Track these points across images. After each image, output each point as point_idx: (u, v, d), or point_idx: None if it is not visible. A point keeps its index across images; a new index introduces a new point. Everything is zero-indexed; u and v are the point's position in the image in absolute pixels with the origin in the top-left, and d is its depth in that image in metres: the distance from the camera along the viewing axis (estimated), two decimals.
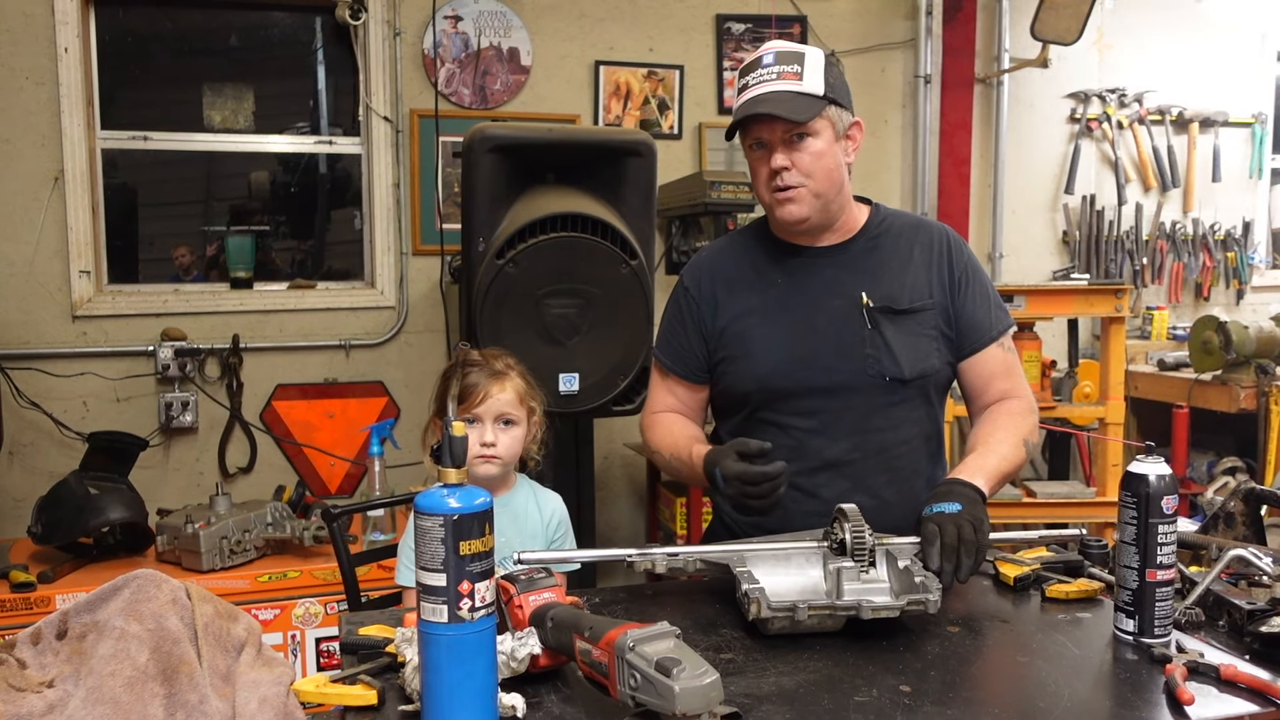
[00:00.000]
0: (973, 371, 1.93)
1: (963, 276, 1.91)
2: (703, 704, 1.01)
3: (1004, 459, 1.78)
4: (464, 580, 1.10)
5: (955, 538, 1.50)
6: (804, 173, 1.80)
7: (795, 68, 1.79)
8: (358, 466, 3.95)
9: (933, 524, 1.53)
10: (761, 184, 1.86)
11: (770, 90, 1.78)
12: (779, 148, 1.80)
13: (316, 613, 3.04)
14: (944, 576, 1.47)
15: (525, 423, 1.95)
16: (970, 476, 1.68)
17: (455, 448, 1.13)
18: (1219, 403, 4.12)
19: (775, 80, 1.79)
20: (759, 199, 1.90)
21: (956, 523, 1.52)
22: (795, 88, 1.78)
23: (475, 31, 4.03)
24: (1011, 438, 1.82)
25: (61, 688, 1.20)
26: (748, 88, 1.82)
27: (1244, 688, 1.25)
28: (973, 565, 1.49)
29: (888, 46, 4.55)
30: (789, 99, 1.77)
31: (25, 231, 3.63)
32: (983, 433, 1.87)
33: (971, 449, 1.83)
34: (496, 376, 1.92)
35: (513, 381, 1.94)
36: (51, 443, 3.67)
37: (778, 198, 1.83)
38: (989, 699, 1.26)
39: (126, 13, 3.88)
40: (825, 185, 1.83)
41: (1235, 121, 5.10)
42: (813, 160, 1.80)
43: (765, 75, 1.80)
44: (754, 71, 1.82)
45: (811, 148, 1.80)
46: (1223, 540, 1.83)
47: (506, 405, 1.91)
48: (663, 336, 2.04)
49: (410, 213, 4.02)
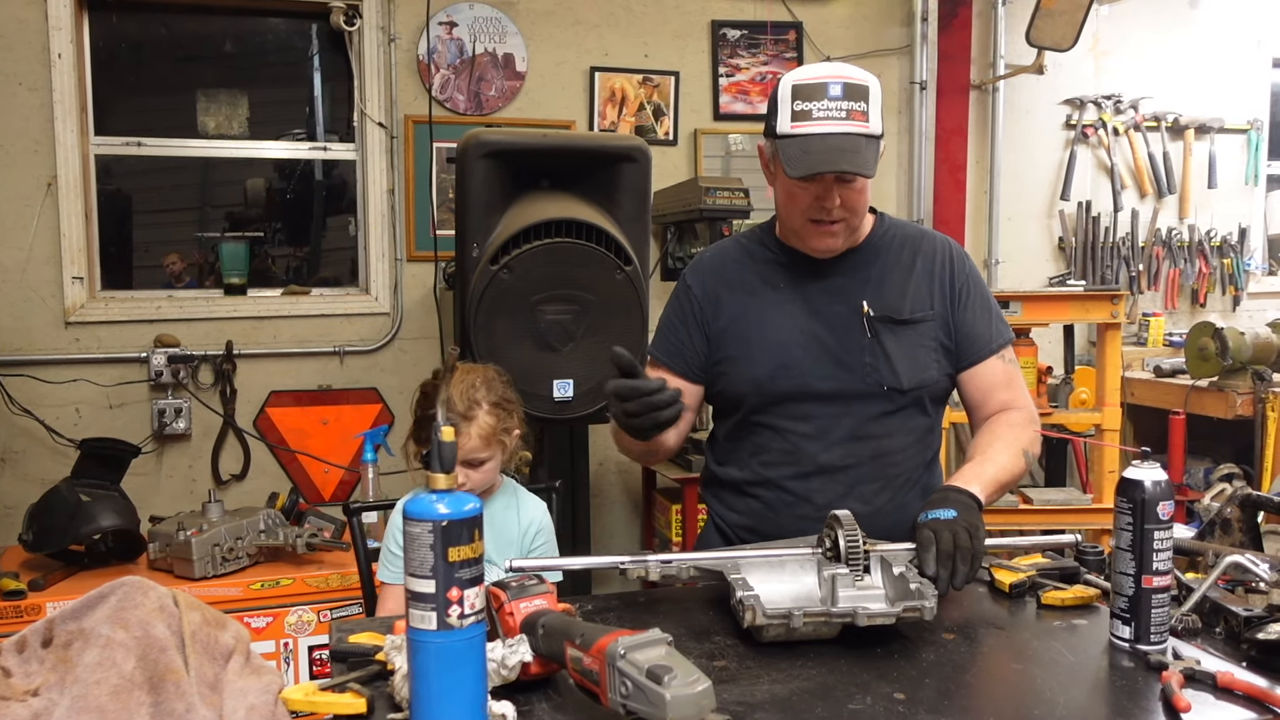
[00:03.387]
0: (973, 383, 1.93)
1: (964, 288, 1.91)
2: (695, 712, 1.00)
3: (1002, 468, 1.77)
4: (453, 587, 1.09)
5: (951, 544, 1.48)
6: (849, 209, 1.79)
7: (862, 105, 1.72)
8: (352, 474, 3.93)
9: (928, 530, 1.52)
10: (798, 210, 1.81)
11: (841, 132, 1.71)
12: (834, 187, 1.76)
13: (309, 620, 3.03)
14: (940, 583, 1.46)
15: (498, 454, 1.97)
16: (966, 484, 1.67)
17: (444, 453, 1.12)
18: (1215, 409, 4.11)
19: (845, 120, 1.71)
20: (785, 219, 1.88)
21: (952, 529, 1.51)
22: (863, 130, 1.72)
23: (470, 37, 4.03)
24: (1010, 447, 1.82)
25: (46, 696, 1.19)
26: (809, 117, 1.72)
27: (1241, 695, 1.24)
28: (969, 573, 1.48)
29: (883, 53, 4.55)
30: (862, 146, 1.72)
31: (18, 237, 3.62)
32: (981, 442, 1.86)
33: (970, 458, 1.82)
34: (462, 419, 1.94)
35: (478, 424, 1.95)
36: (43, 450, 3.65)
37: (817, 229, 1.82)
38: (984, 706, 1.25)
39: (121, 18, 3.87)
40: (860, 219, 1.85)
41: (1231, 128, 5.10)
42: (858, 198, 1.79)
43: (833, 111, 1.71)
44: (818, 100, 1.72)
45: (861, 186, 1.78)
46: (1219, 547, 1.82)
47: (472, 451, 1.95)
48: (660, 334, 2.02)
49: (405, 219, 4.01)
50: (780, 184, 1.84)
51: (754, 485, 1.91)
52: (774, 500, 1.88)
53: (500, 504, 2.01)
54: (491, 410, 1.99)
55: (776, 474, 1.88)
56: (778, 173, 1.82)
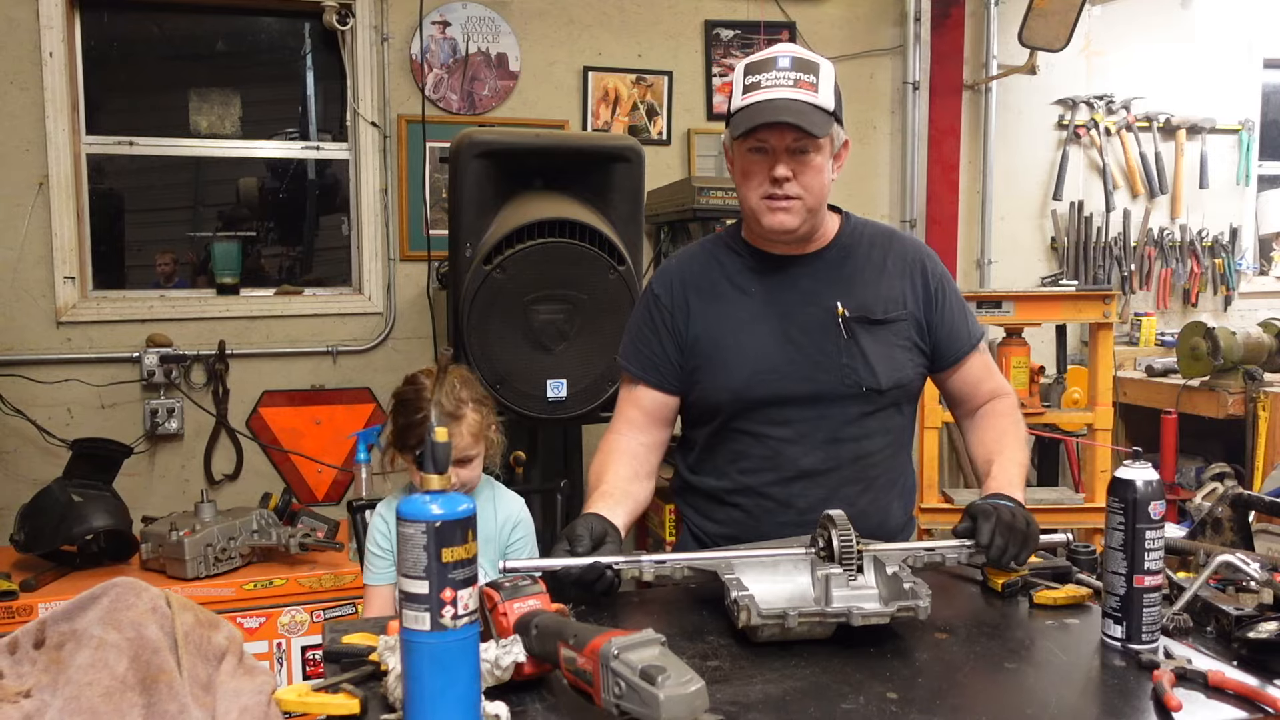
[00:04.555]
0: (960, 379, 1.95)
1: (939, 289, 1.92)
2: (688, 712, 1.00)
3: (1022, 466, 1.84)
4: (446, 587, 1.09)
5: (1010, 518, 1.56)
6: (803, 186, 1.78)
7: (811, 78, 1.74)
8: (345, 474, 3.92)
9: (986, 505, 1.59)
10: (752, 187, 1.80)
11: (787, 97, 1.73)
12: (783, 157, 1.75)
13: (303, 621, 3.02)
14: (992, 551, 1.54)
15: (483, 451, 1.99)
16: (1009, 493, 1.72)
17: (438, 454, 1.12)
18: (1207, 409, 4.13)
19: (791, 87, 1.73)
20: (743, 201, 1.85)
21: (1012, 510, 1.58)
22: (810, 99, 1.73)
23: (463, 37, 4.03)
24: (1015, 441, 1.89)
25: (38, 698, 1.19)
26: (758, 87, 1.74)
27: (1232, 694, 1.24)
28: (1023, 554, 1.57)
29: (876, 53, 4.56)
30: (807, 110, 1.72)
31: (9, 237, 3.61)
32: (990, 438, 1.90)
33: (988, 458, 1.86)
34: (452, 419, 1.95)
35: (467, 421, 1.98)
36: (35, 450, 3.64)
37: (770, 205, 1.79)
38: (976, 706, 1.25)
39: (112, 17, 3.86)
40: (817, 201, 1.82)
41: (1222, 128, 5.12)
42: (813, 175, 1.78)
43: (780, 79, 1.74)
44: (767, 72, 1.75)
45: (813, 162, 1.77)
46: (1211, 546, 1.83)
47: (464, 449, 1.97)
48: (630, 346, 1.96)
49: (398, 219, 4.01)
50: (736, 164, 1.83)
51: (734, 494, 1.89)
52: (755, 508, 1.87)
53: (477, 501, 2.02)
54: (476, 408, 2.02)
55: (757, 481, 1.86)
56: (735, 154, 1.82)
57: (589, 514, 1.69)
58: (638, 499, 1.84)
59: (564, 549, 1.58)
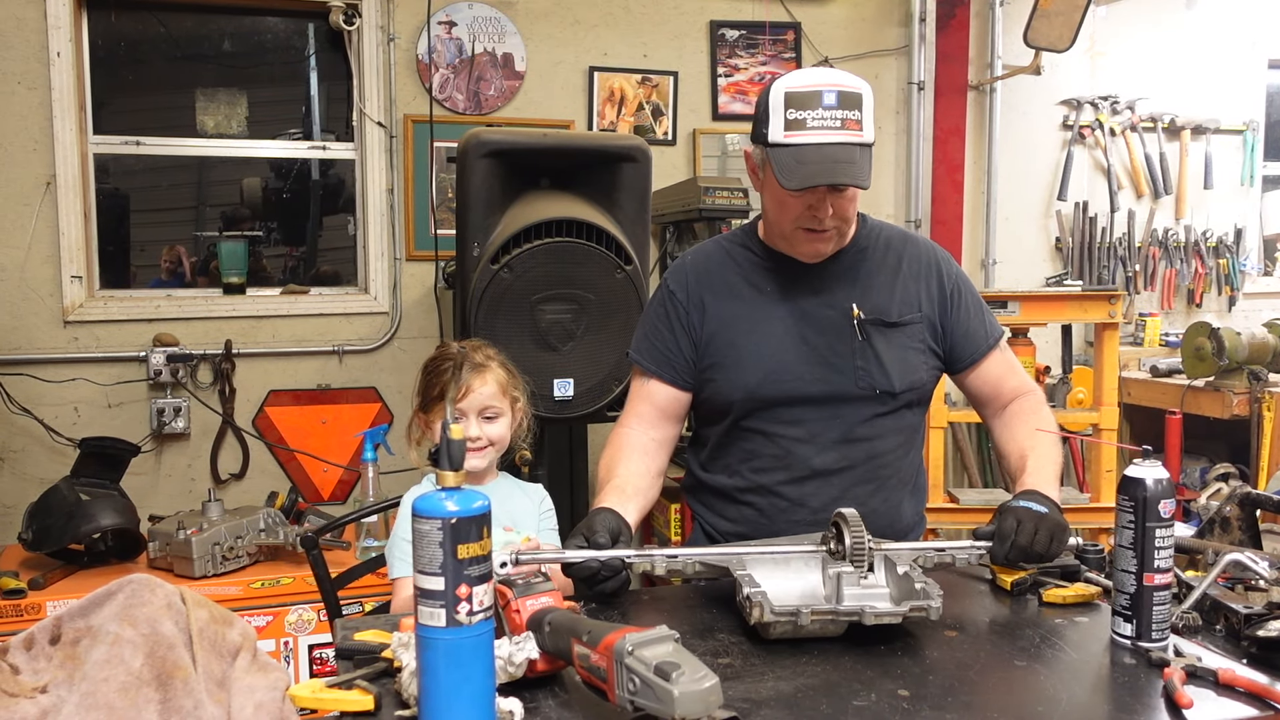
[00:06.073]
0: (982, 379, 1.95)
1: (955, 291, 1.92)
2: (702, 708, 1.00)
3: (1056, 463, 1.85)
4: (462, 584, 1.09)
5: (1029, 541, 1.57)
6: (840, 217, 1.79)
7: (856, 114, 1.70)
8: (351, 473, 3.93)
9: (1013, 518, 1.59)
10: (789, 218, 1.80)
11: (836, 141, 1.69)
12: (827, 195, 1.74)
13: (310, 619, 3.03)
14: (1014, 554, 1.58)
15: (510, 411, 1.97)
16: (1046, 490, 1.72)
17: (453, 450, 1.12)
18: (1212, 409, 4.13)
19: (839, 129, 1.69)
20: (775, 224, 1.86)
21: (1037, 526, 1.58)
22: (857, 139, 1.70)
23: (469, 37, 4.03)
24: (1047, 438, 1.88)
25: (55, 693, 1.19)
26: (803, 126, 1.70)
27: (1242, 691, 1.25)
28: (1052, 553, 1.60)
29: (881, 53, 4.56)
30: (857, 156, 1.70)
31: (16, 237, 3.62)
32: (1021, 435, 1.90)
33: (1021, 455, 1.86)
34: (477, 370, 1.94)
35: (493, 373, 1.96)
36: (42, 449, 3.65)
37: (808, 237, 1.81)
38: (987, 704, 1.25)
39: (119, 17, 3.87)
40: (850, 224, 1.84)
41: (1227, 129, 5.11)
42: (850, 205, 1.79)
43: (827, 120, 1.69)
44: (812, 109, 1.69)
45: (853, 194, 1.77)
46: (1219, 545, 1.83)
47: (489, 398, 1.94)
48: (643, 341, 1.96)
49: (404, 218, 4.01)
50: (770, 191, 1.83)
51: (746, 492, 1.90)
52: (768, 506, 1.87)
53: (504, 489, 2.02)
54: (502, 365, 1.99)
55: (770, 480, 1.87)
56: (767, 180, 1.80)
57: (603, 509, 1.69)
58: (648, 495, 1.85)
59: (578, 544, 1.59)
